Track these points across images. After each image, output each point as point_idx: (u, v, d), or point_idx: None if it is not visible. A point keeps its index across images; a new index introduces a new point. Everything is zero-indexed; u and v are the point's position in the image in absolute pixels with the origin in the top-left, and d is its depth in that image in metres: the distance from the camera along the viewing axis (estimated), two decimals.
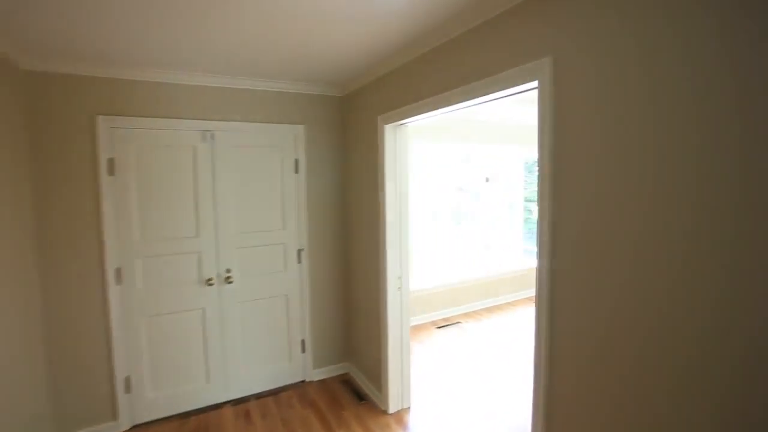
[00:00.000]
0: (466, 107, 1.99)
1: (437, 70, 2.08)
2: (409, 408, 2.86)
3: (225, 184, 2.83)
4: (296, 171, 3.06)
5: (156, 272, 2.68)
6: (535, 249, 1.63)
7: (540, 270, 1.55)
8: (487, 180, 5.13)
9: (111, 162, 2.50)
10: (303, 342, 3.18)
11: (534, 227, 5.78)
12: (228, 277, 2.86)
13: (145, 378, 2.68)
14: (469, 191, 5.30)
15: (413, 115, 2.32)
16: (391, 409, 2.79)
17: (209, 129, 2.74)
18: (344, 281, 3.32)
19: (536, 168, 1.64)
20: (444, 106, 2.05)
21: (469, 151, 4.98)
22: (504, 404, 2.92)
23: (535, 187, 5.81)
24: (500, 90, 1.69)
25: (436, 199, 4.81)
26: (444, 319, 4.67)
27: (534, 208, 5.74)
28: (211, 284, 2.81)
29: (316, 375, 3.25)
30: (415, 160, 4.45)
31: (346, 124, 3.17)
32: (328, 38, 2.08)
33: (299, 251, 3.11)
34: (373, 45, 2.19)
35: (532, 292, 5.61)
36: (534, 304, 2.33)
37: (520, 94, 1.73)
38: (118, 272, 2.56)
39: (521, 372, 3.39)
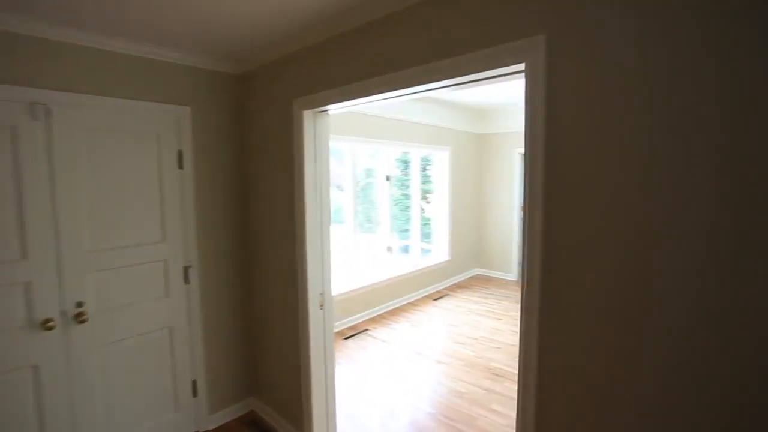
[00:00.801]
0: (421, 92, 1.69)
1: (385, 44, 1.72)
2: None
3: (72, 183, 1.99)
4: (180, 166, 2.36)
5: None
6: (431, 247, 1.41)
7: (529, 290, 1.34)
8: (388, 179, 4.97)
9: None
10: (194, 384, 2.49)
11: (428, 225, 5.87)
12: (80, 314, 2.02)
13: None
14: (370, 190, 5.07)
15: (345, 100, 1.92)
16: None
17: (41, 101, 1.88)
18: (248, 302, 2.72)
19: (429, 167, 1.42)
20: (390, 90, 1.71)
21: (367, 148, 4.74)
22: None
23: (426, 186, 5.93)
24: (472, 73, 1.43)
25: (334, 199, 4.43)
26: (350, 328, 4.35)
27: (426, 206, 5.81)
28: (50, 327, 1.94)
29: (214, 421, 2.59)
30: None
31: (249, 109, 2.57)
32: None
33: (186, 269, 2.41)
34: (287, 7, 1.72)
35: (431, 289, 5.69)
36: (435, 302, 2.17)
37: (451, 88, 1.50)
38: None
39: (452, 386, 3.28)
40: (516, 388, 1.39)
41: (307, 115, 2.17)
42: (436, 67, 1.52)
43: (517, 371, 1.29)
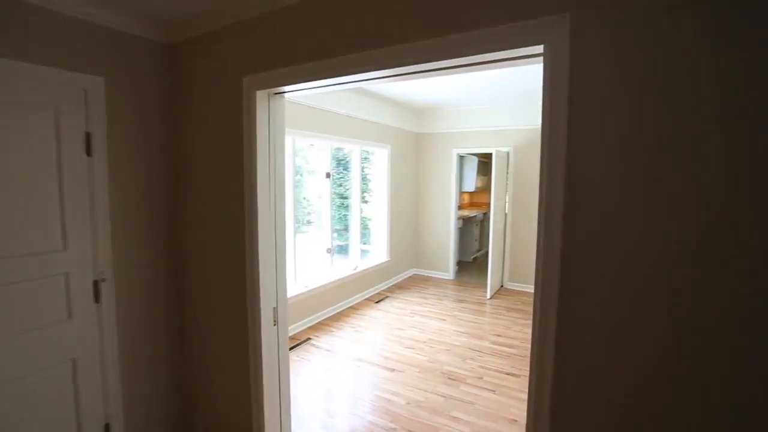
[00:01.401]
0: (418, 73, 1.46)
1: (367, 12, 1.47)
2: None
3: None
4: (89, 152, 1.85)
5: None
6: (369, 248, 1.26)
7: (542, 305, 1.20)
8: (328, 176, 4.66)
9: None
10: (107, 427, 1.98)
11: (367, 225, 5.67)
12: None
13: None
14: (309, 188, 4.72)
15: (315, 79, 1.63)
16: None
17: None
18: (181, 321, 2.26)
19: (368, 166, 1.27)
20: (378, 69, 1.46)
21: (305, 141, 4.40)
22: None
23: (364, 185, 5.72)
24: (480, 54, 1.25)
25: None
26: (292, 338, 3.97)
27: (365, 205, 5.62)
28: None
29: None
30: None
31: (183, 86, 2.12)
32: None
33: (97, 283, 1.91)
34: None
35: (371, 291, 5.50)
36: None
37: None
38: None
39: (409, 395, 3.09)
40: (471, 391, 1.24)
41: (261, 96, 1.82)
42: (437, 45, 1.31)
43: (469, 374, 1.16)
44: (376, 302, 5.19)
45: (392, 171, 5.83)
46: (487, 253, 8.84)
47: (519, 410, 2.76)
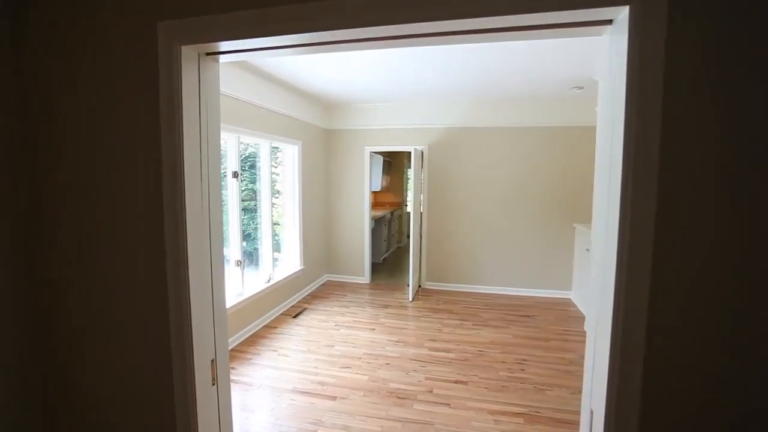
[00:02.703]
0: (426, 36, 1.09)
1: None
2: None
3: None
4: None
5: None
6: (280, 255, 1.01)
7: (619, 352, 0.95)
8: (236, 176, 3.95)
9: None
10: None
11: (277, 231, 5.08)
12: None
13: None
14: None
15: (276, 33, 1.14)
16: None
17: None
18: (43, 378, 1.49)
19: (277, 165, 1.02)
20: (381, 23, 1.05)
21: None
22: None
23: (274, 187, 5.06)
24: (538, 11, 0.95)
25: None
26: None
27: (274, 209, 5.01)
28: None
29: None
30: None
31: (43, 32, 1.37)
32: None
33: None
34: None
35: (287, 304, 4.90)
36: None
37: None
38: None
39: (362, 427, 2.66)
40: (426, 408, 0.97)
41: (189, 57, 1.25)
42: None
43: (417, 388, 0.91)
44: (294, 316, 4.62)
45: (303, 170, 5.30)
46: (396, 253, 8.84)
47: (480, 422, 2.59)
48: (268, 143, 4.53)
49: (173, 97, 1.22)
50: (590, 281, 1.15)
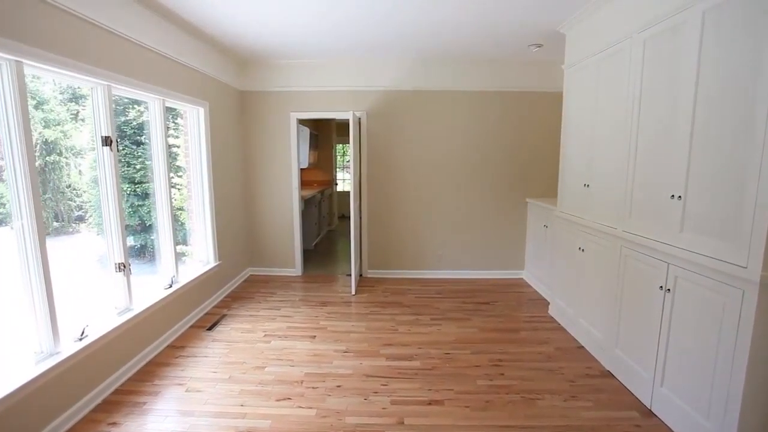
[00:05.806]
0: None
1: None
2: None
3: None
4: None
5: None
6: (187, 249, 0.32)
7: None
8: (107, 143, 2.76)
9: None
10: None
11: (181, 220, 3.95)
12: None
13: None
14: (78, 171, 2.76)
15: None
16: None
17: None
18: None
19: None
20: None
21: (51, 77, 2.46)
22: None
23: (172, 162, 3.84)
24: None
25: None
26: None
27: (175, 191, 3.87)
28: None
29: None
30: None
31: None
32: None
33: None
34: None
35: (199, 312, 3.83)
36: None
37: None
38: None
39: None
40: None
41: None
42: None
43: (384, 420, 0.50)
44: (209, 328, 3.60)
45: (213, 140, 4.16)
46: (327, 237, 7.94)
47: None
48: (161, 101, 3.34)
49: None
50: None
